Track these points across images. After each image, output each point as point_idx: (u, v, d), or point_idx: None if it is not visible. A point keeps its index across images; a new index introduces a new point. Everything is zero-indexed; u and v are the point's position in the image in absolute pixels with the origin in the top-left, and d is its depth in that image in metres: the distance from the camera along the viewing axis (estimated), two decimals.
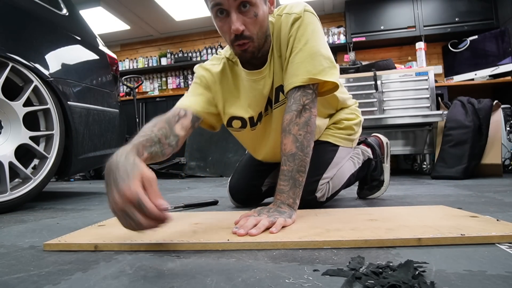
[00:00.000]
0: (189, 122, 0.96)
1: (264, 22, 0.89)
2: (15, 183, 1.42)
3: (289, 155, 0.86)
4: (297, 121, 0.87)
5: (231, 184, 1.32)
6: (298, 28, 0.93)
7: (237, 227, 0.74)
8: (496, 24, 3.70)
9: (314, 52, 0.91)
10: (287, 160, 0.86)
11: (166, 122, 0.90)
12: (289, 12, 0.96)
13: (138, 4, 4.21)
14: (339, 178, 1.13)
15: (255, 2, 0.84)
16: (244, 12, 0.84)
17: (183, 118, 0.95)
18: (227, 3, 0.82)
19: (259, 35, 0.89)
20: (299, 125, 0.87)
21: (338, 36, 4.39)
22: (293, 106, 0.89)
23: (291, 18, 0.94)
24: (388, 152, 1.42)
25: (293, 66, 0.92)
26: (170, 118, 0.93)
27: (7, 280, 0.52)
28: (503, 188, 1.70)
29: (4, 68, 1.33)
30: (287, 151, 0.86)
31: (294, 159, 0.85)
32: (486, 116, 2.55)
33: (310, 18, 0.94)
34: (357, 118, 1.22)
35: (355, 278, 0.47)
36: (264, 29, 0.91)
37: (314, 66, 0.90)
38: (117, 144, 2.02)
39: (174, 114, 0.94)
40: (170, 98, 4.65)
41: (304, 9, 0.95)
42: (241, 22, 0.84)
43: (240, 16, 0.84)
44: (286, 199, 0.84)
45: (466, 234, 0.64)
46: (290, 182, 0.85)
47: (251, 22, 0.85)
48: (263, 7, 0.87)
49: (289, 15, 0.95)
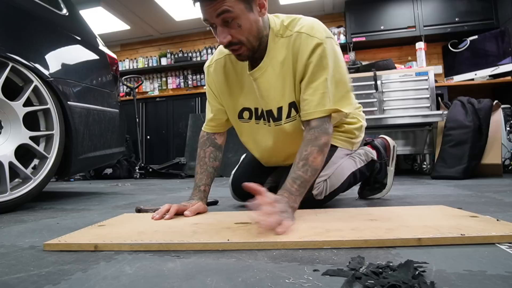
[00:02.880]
0: (223, 135, 1.25)
1: (252, 28, 0.94)
2: (15, 183, 1.41)
3: (314, 169, 0.92)
4: (329, 144, 0.96)
5: (234, 178, 1.32)
6: (320, 57, 0.96)
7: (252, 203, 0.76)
8: (496, 24, 3.70)
9: (336, 82, 0.98)
10: (310, 171, 0.91)
11: (211, 145, 1.20)
12: (310, 34, 0.97)
13: (138, 4, 4.21)
14: (337, 176, 1.13)
15: (237, 15, 0.89)
16: (229, 24, 0.90)
17: (217, 135, 1.23)
18: (212, 19, 0.90)
19: (250, 39, 0.95)
20: (328, 149, 0.96)
21: (338, 36, 4.39)
22: (323, 129, 0.96)
23: (313, 43, 0.96)
24: (394, 155, 1.41)
25: (316, 95, 0.97)
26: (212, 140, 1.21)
27: (7, 280, 0.52)
28: (503, 188, 1.70)
29: (4, 68, 1.33)
30: (315, 165, 0.92)
31: (315, 174, 0.93)
32: (486, 116, 2.55)
33: (332, 46, 0.98)
34: (358, 123, 1.22)
35: (355, 278, 0.47)
36: (254, 33, 0.95)
37: (335, 95, 0.97)
38: (117, 144, 2.02)
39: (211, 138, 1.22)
40: (170, 98, 4.66)
41: (326, 36, 0.98)
42: (227, 33, 0.91)
43: (226, 28, 0.91)
44: (292, 202, 0.87)
45: (466, 234, 0.64)
46: (302, 189, 0.90)
47: (237, 32, 0.92)
48: (249, 15, 0.91)
49: (311, 37, 0.97)
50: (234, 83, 1.13)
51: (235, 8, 0.88)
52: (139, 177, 3.86)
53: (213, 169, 1.18)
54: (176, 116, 4.58)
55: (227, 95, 1.15)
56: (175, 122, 4.58)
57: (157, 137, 4.65)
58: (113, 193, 2.12)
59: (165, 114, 4.63)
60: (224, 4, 0.87)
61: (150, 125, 4.69)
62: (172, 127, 4.59)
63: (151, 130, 4.67)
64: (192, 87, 5.07)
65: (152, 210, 1.16)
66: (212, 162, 1.18)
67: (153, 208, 1.17)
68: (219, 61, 1.15)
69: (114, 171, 3.94)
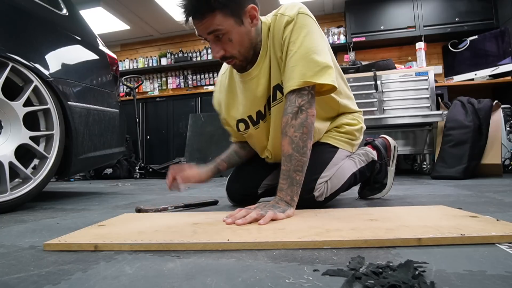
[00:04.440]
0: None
1: (243, 41, 0.97)
2: (15, 183, 1.41)
3: (286, 156, 0.92)
4: (293, 123, 0.93)
5: (229, 184, 1.34)
6: (291, 31, 0.96)
7: (227, 217, 0.83)
8: (496, 24, 3.70)
9: (308, 54, 0.94)
10: (285, 161, 0.93)
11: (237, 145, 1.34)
12: (283, 13, 0.99)
13: (138, 4, 4.21)
14: (338, 178, 1.13)
15: (227, 31, 0.93)
16: (220, 39, 0.95)
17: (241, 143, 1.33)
18: (204, 35, 0.95)
19: (242, 51, 0.98)
20: (295, 127, 0.92)
21: (338, 36, 4.39)
22: (289, 108, 0.94)
23: (284, 20, 0.97)
24: (395, 156, 1.41)
25: (288, 70, 0.96)
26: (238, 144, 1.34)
27: (7, 280, 0.52)
28: (503, 188, 1.70)
29: (4, 68, 1.33)
30: (285, 152, 0.93)
31: (291, 160, 0.92)
32: (486, 116, 2.55)
33: (304, 21, 0.97)
34: (358, 124, 1.22)
35: (355, 278, 0.47)
36: (246, 44, 0.98)
37: (309, 68, 0.94)
38: (117, 144, 2.02)
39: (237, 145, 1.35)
40: (170, 98, 4.66)
41: (298, 12, 0.97)
42: (220, 48, 0.96)
43: (218, 43, 0.96)
44: (284, 196, 0.92)
45: (466, 234, 0.64)
46: (288, 181, 0.92)
47: (229, 46, 0.96)
48: (239, 29, 0.95)
49: (283, 16, 0.98)
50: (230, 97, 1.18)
51: (224, 25, 0.92)
52: (139, 177, 3.86)
53: (234, 152, 1.29)
54: (176, 116, 4.58)
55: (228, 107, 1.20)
56: (175, 122, 4.58)
57: (157, 137, 4.65)
58: (113, 193, 2.12)
59: (165, 114, 4.64)
60: (213, 22, 0.91)
61: (150, 125, 4.69)
62: (172, 127, 4.59)
63: (151, 130, 4.67)
64: (192, 87, 5.08)
65: (152, 210, 1.17)
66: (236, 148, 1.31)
67: (153, 208, 1.17)
68: (226, 73, 1.20)
69: (114, 171, 3.95)
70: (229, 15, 0.92)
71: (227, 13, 0.91)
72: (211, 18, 0.91)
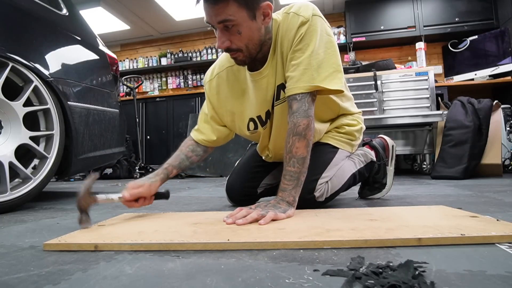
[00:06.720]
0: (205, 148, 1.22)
1: (253, 36, 0.93)
2: (15, 183, 1.41)
3: (300, 158, 0.91)
4: (310, 126, 0.93)
5: (228, 184, 1.33)
6: (305, 33, 0.95)
7: (227, 217, 0.83)
8: (496, 24, 3.70)
9: (320, 59, 0.94)
10: (297, 163, 0.91)
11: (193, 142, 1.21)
12: (296, 12, 0.97)
13: (138, 4, 4.21)
14: (338, 178, 1.13)
15: (237, 22, 0.89)
16: (229, 30, 0.90)
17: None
18: (213, 22, 0.90)
19: (249, 47, 0.94)
20: (311, 131, 0.93)
21: (338, 36, 4.39)
22: (301, 112, 0.93)
23: (299, 20, 0.95)
24: (393, 155, 1.41)
25: (298, 71, 0.94)
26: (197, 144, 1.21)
27: (7, 280, 0.52)
28: (503, 188, 1.70)
29: (4, 68, 1.33)
30: (299, 154, 0.91)
31: (304, 163, 0.92)
32: (486, 116, 2.55)
33: (318, 23, 0.96)
34: (358, 125, 1.22)
35: (355, 278, 0.47)
36: (254, 41, 0.94)
37: (319, 73, 0.94)
38: (117, 144, 2.02)
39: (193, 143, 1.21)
40: (170, 98, 4.66)
41: (313, 13, 0.96)
42: (226, 38, 0.91)
43: (226, 33, 0.91)
44: (287, 197, 0.91)
45: (466, 234, 0.64)
46: (294, 182, 0.91)
47: (236, 39, 0.92)
48: (250, 23, 0.91)
49: (297, 16, 0.96)
50: (238, 93, 1.12)
51: (237, 16, 0.88)
52: (139, 177, 3.85)
53: (186, 157, 1.17)
54: (176, 116, 4.58)
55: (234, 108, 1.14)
56: (175, 122, 4.58)
57: (157, 137, 4.65)
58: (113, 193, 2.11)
59: (165, 114, 4.63)
60: (225, 11, 0.86)
61: (150, 125, 4.69)
62: (172, 127, 4.59)
63: (151, 130, 4.67)
64: (192, 87, 5.07)
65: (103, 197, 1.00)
66: (188, 151, 1.18)
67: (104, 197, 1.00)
68: (221, 75, 1.14)
69: (114, 171, 3.94)
70: (243, 6, 0.88)
71: (242, 4, 0.87)
72: (224, 5, 0.86)
